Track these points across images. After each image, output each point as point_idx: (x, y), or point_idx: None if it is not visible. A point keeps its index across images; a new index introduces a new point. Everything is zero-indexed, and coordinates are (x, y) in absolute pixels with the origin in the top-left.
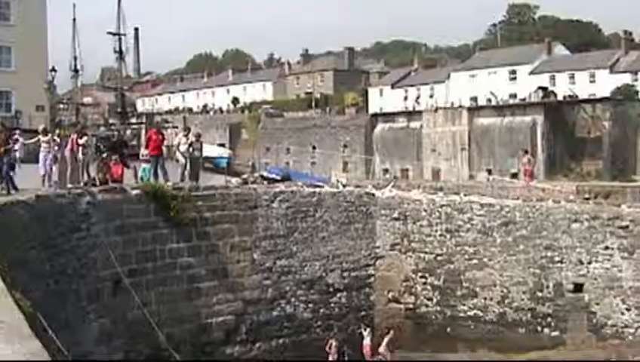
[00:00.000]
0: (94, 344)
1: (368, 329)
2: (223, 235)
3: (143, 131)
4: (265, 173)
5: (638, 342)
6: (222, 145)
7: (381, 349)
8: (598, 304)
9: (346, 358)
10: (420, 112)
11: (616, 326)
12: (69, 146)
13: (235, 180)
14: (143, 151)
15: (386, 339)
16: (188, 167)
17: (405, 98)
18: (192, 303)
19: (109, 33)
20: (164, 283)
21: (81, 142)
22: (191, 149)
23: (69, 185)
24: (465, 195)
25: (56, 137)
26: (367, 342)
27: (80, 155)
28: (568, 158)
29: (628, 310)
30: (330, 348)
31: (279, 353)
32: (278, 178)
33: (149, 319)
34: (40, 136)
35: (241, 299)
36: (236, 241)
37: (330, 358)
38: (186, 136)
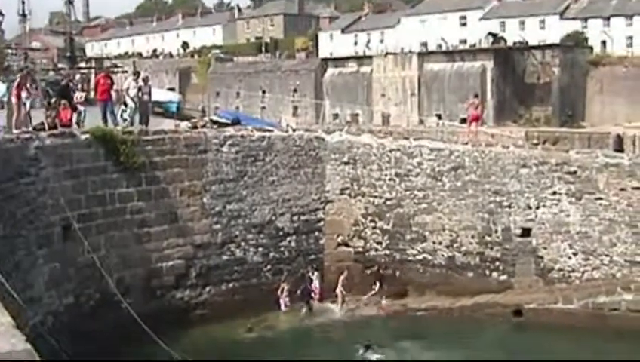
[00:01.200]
0: (44, 288)
1: (317, 273)
2: (173, 179)
3: (93, 76)
4: (215, 117)
5: (584, 286)
6: (172, 89)
7: (338, 290)
8: (545, 248)
9: (312, 290)
10: (370, 57)
11: (563, 271)
12: (14, 91)
13: (184, 124)
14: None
15: (341, 278)
16: (137, 111)
17: (355, 43)
18: (142, 247)
19: None
20: (114, 228)
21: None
22: (140, 93)
23: (16, 131)
24: (415, 140)
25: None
26: (315, 284)
27: (26, 100)
28: (517, 104)
29: (575, 254)
30: (281, 291)
31: (229, 297)
32: (228, 122)
33: (97, 264)
34: None
35: (190, 243)
36: (186, 185)
37: (282, 302)
38: (135, 80)
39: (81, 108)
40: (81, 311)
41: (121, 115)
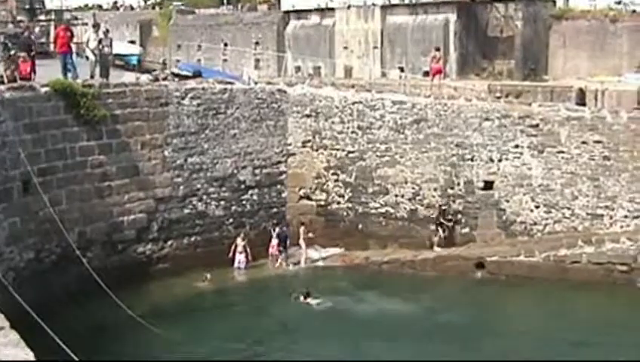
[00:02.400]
0: (4, 244)
1: (277, 230)
2: (134, 133)
3: (52, 28)
4: (176, 70)
5: (545, 238)
6: (132, 42)
7: (301, 241)
8: (507, 201)
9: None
10: (332, 10)
11: (525, 223)
12: None
13: (145, 77)
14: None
15: (302, 229)
16: (98, 64)
17: None
18: (104, 201)
19: None
20: (74, 182)
21: None
22: (100, 46)
23: None
24: (377, 93)
25: None
26: (275, 241)
27: None
28: (480, 58)
29: (537, 207)
30: (234, 249)
31: (191, 250)
32: (190, 74)
33: (56, 219)
34: None
35: (152, 196)
36: (147, 139)
37: (237, 257)
38: (96, 32)
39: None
40: (42, 265)
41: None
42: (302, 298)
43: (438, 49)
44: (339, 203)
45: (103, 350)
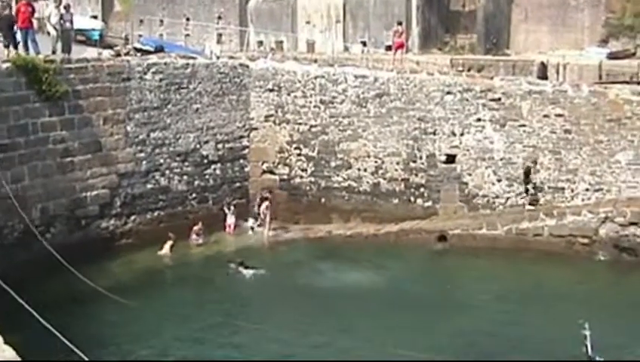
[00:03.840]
0: None
1: (232, 208)
2: (96, 108)
3: (14, 3)
4: (138, 45)
5: (507, 211)
6: (94, 17)
7: (262, 209)
8: (470, 175)
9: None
10: None
11: (487, 197)
12: None
13: (107, 52)
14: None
15: (264, 204)
16: (59, 39)
17: None
18: (66, 177)
19: None
20: (37, 158)
21: None
22: (62, 21)
23: None
24: (339, 67)
25: None
26: (231, 220)
27: None
28: (443, 32)
29: (499, 181)
30: (196, 230)
31: (154, 225)
32: (152, 49)
33: (10, 196)
34: None
35: (115, 172)
36: (109, 114)
37: (194, 236)
38: (57, 7)
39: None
40: (5, 241)
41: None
42: (237, 267)
43: (400, 23)
44: (302, 177)
45: (70, 321)
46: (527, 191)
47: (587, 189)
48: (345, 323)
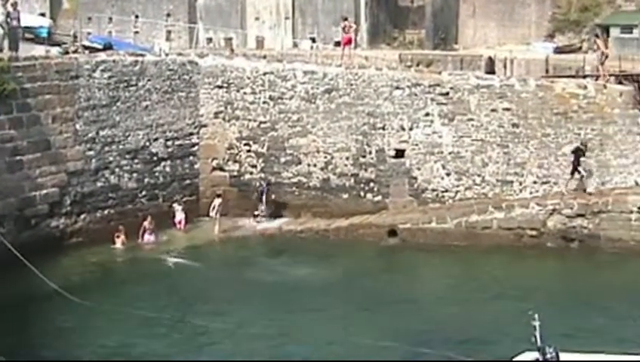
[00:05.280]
0: None
1: (182, 206)
2: (45, 106)
3: None
4: (86, 43)
5: (457, 205)
6: (42, 14)
7: (213, 212)
8: (419, 169)
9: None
10: None
11: (436, 191)
12: None
13: (55, 50)
14: None
15: (216, 201)
16: (6, 37)
17: None
18: (15, 176)
19: None
20: None
21: None
22: (8, 19)
23: None
24: (288, 63)
25: None
26: (180, 217)
27: None
28: (391, 27)
29: (448, 175)
30: (144, 229)
31: (105, 223)
32: (100, 47)
33: None
34: None
35: (64, 170)
36: (58, 112)
37: (145, 238)
38: (4, 5)
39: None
40: None
41: None
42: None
43: (345, 18)
44: (251, 173)
45: (24, 319)
46: (578, 172)
47: (535, 182)
48: (296, 317)
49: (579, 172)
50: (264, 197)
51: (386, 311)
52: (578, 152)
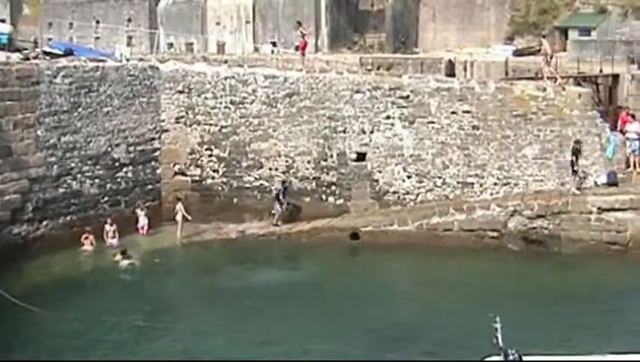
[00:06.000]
0: None
1: (144, 211)
2: (6, 112)
3: None
4: (47, 49)
5: (418, 207)
6: (2, 20)
7: (178, 216)
8: (380, 172)
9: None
10: None
11: (398, 193)
12: None
13: (16, 56)
14: None
15: (178, 206)
16: None
17: None
18: None
19: None
20: None
21: None
22: None
23: None
24: (249, 67)
25: None
26: (142, 222)
27: None
28: (352, 31)
29: (409, 177)
30: (106, 233)
31: (67, 229)
32: (61, 53)
33: None
34: None
35: (26, 177)
36: (19, 118)
37: (107, 241)
38: None
39: None
40: None
41: None
42: (118, 257)
43: (299, 23)
44: (213, 178)
45: None
46: (575, 172)
47: (495, 183)
48: (259, 321)
49: (576, 172)
50: (281, 198)
51: (348, 314)
52: (576, 152)
